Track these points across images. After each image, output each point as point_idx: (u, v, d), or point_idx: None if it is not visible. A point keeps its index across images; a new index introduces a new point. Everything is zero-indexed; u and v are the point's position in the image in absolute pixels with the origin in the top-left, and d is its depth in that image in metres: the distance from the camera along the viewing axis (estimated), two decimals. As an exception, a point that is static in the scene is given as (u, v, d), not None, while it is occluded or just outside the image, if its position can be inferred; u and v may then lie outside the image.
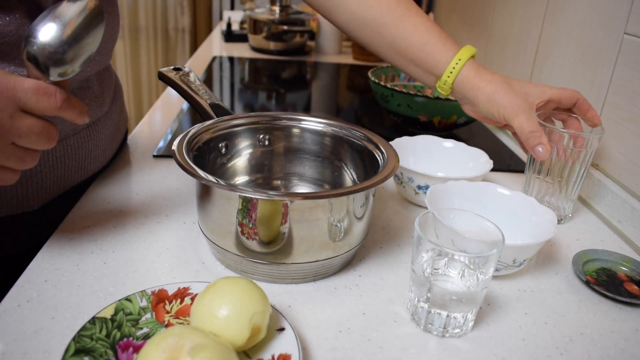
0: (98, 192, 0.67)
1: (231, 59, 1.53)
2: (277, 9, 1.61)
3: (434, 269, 0.48)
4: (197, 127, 0.59)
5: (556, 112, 0.68)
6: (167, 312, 0.45)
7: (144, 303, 0.45)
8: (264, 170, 0.67)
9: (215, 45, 1.72)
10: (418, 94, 0.89)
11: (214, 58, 1.50)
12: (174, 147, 0.53)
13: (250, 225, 0.49)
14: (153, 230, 0.60)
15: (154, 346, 0.36)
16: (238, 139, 0.64)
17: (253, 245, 0.50)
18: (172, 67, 0.71)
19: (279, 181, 0.68)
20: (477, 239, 0.48)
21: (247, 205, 0.48)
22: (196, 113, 0.75)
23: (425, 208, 0.69)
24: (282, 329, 0.43)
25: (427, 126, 0.94)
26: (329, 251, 0.51)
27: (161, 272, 0.53)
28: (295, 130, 0.66)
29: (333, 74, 1.47)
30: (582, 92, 0.81)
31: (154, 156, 0.79)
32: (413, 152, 0.76)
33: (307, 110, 1.16)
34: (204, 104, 0.65)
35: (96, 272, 0.52)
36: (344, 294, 0.52)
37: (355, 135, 0.62)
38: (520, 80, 0.65)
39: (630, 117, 0.69)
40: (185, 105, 1.05)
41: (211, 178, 0.47)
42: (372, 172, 0.57)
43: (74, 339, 0.40)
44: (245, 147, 0.65)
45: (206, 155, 0.59)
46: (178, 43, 2.77)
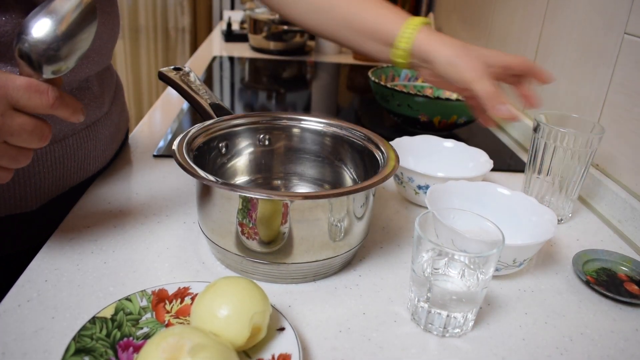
0: (98, 192, 0.67)
1: (231, 59, 1.53)
2: (277, 8, 1.61)
3: (434, 268, 0.48)
4: (197, 127, 0.59)
5: (507, 76, 0.66)
6: (168, 312, 0.45)
7: (144, 303, 0.45)
8: (264, 170, 0.67)
9: (215, 45, 1.72)
10: (418, 94, 0.89)
11: (214, 58, 1.50)
12: (174, 147, 0.53)
13: (251, 225, 0.49)
14: (153, 230, 0.60)
15: (154, 346, 0.36)
16: (238, 139, 0.64)
17: (253, 245, 0.50)
18: (172, 67, 0.71)
19: (279, 181, 0.68)
20: (477, 239, 0.48)
21: (247, 205, 0.48)
22: (196, 113, 0.75)
23: (425, 208, 0.69)
24: (282, 329, 0.43)
25: (427, 126, 0.94)
26: (329, 251, 0.51)
27: (161, 272, 0.53)
28: (296, 130, 0.66)
29: (333, 74, 1.47)
30: (582, 92, 0.81)
31: (154, 156, 0.79)
32: (413, 152, 0.76)
33: (307, 110, 1.16)
34: (204, 103, 0.65)
35: (96, 272, 0.52)
36: (344, 293, 0.52)
37: (356, 135, 0.62)
38: (476, 46, 0.64)
39: (631, 116, 0.69)
40: (185, 105, 1.05)
41: (211, 178, 0.47)
42: (372, 172, 0.57)
43: (74, 338, 0.40)
44: (246, 147, 0.65)
45: (206, 155, 0.59)
46: (178, 43, 2.77)
